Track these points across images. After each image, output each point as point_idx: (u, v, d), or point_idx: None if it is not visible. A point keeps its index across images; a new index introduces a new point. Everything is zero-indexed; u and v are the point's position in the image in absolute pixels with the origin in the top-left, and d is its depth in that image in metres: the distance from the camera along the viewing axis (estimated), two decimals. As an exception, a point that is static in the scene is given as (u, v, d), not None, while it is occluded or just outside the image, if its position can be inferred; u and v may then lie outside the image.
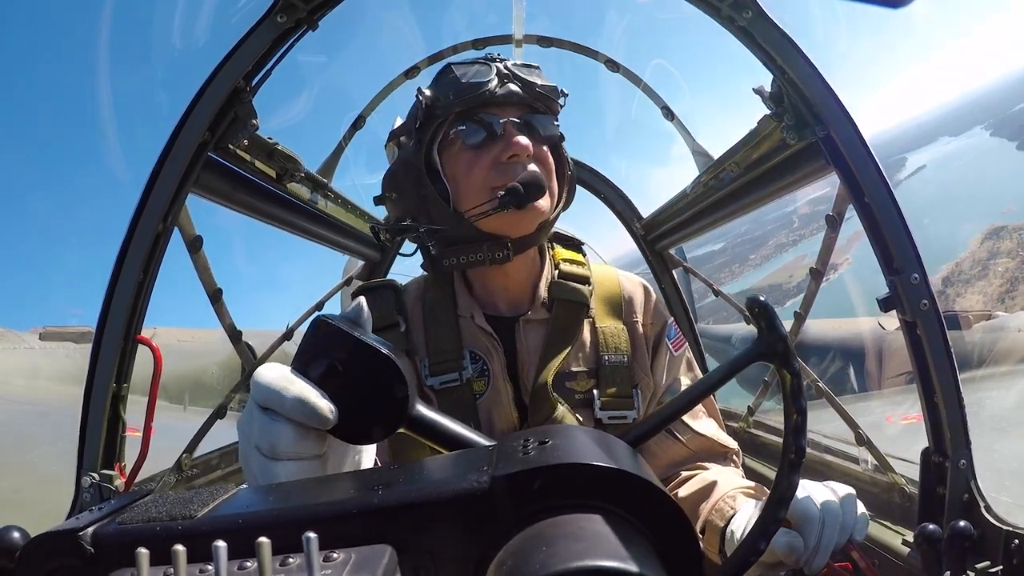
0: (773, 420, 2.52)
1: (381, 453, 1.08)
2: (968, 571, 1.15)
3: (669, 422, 0.56)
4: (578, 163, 1.20)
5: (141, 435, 1.45)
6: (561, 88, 1.14)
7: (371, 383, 0.54)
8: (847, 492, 0.85)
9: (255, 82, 1.41)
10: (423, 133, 1.09)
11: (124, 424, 1.45)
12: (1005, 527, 1.19)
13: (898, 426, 4.05)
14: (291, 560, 0.35)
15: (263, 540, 0.30)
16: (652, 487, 0.40)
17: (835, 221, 1.65)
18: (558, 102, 1.13)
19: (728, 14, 1.28)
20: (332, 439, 0.56)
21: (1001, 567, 1.17)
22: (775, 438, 2.39)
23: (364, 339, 0.54)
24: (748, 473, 1.66)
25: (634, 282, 1.26)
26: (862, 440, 1.67)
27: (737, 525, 0.90)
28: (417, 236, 1.14)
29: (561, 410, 1.08)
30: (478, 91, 1.04)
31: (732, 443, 1.19)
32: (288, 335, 2.41)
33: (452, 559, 0.40)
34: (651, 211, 2.94)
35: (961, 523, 1.12)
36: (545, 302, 1.16)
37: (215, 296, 1.88)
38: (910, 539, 1.34)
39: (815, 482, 0.87)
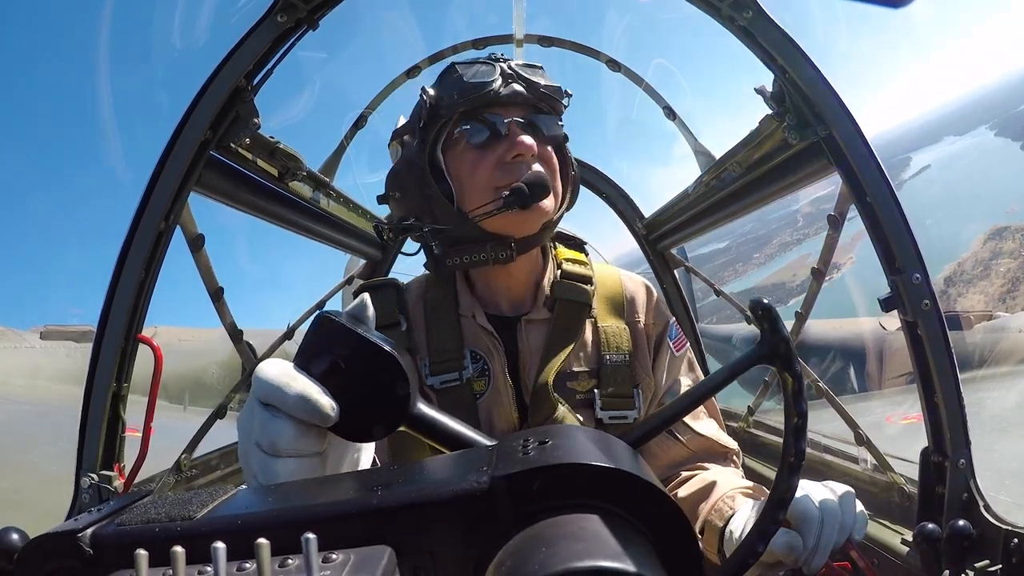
0: (773, 420, 2.52)
1: (380, 453, 1.08)
2: (967, 570, 1.15)
3: (670, 423, 0.56)
4: (580, 163, 1.21)
5: (141, 435, 1.45)
6: (565, 88, 1.14)
7: (373, 381, 0.54)
8: (846, 492, 0.85)
9: (256, 81, 1.42)
10: (427, 132, 1.09)
11: (124, 424, 1.45)
12: (1004, 526, 1.19)
13: (898, 426, 4.05)
14: (290, 561, 0.35)
15: (262, 541, 0.30)
16: (652, 487, 0.40)
17: (837, 221, 1.65)
18: (562, 102, 1.13)
19: (728, 14, 1.28)
20: (332, 436, 0.56)
21: (1000, 566, 1.17)
22: (775, 438, 2.39)
23: (367, 336, 0.54)
24: (748, 473, 1.66)
25: (636, 282, 1.26)
26: (862, 440, 1.67)
27: (736, 525, 0.90)
28: (421, 236, 1.13)
29: (562, 410, 1.08)
30: (482, 91, 1.04)
31: (732, 443, 1.19)
32: (289, 334, 2.41)
33: (451, 559, 0.40)
34: (653, 211, 2.94)
35: (960, 522, 1.12)
36: (547, 302, 1.16)
37: (216, 295, 1.88)
38: (909, 538, 1.34)
39: (814, 482, 0.87)
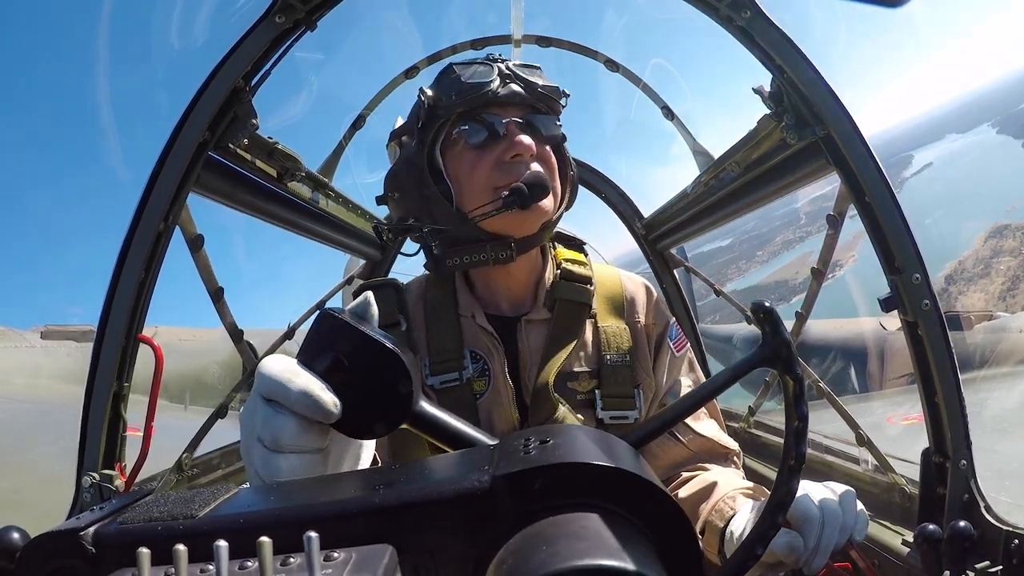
0: (774, 421, 2.52)
1: (381, 451, 1.08)
2: (968, 571, 1.15)
3: (672, 424, 0.56)
4: (579, 163, 1.21)
5: (142, 435, 1.45)
6: (563, 88, 1.14)
7: (376, 378, 0.54)
8: (847, 492, 0.85)
9: (254, 82, 1.42)
10: (425, 133, 1.09)
11: (125, 423, 1.45)
12: (1005, 527, 1.18)
13: (899, 426, 4.05)
14: (292, 560, 0.35)
15: (264, 539, 0.30)
16: (653, 487, 0.40)
17: (836, 221, 1.65)
18: (560, 102, 1.13)
19: (727, 14, 1.28)
20: (334, 433, 0.56)
21: (1001, 567, 1.17)
22: (776, 439, 2.39)
23: (370, 333, 0.54)
24: (748, 474, 1.66)
25: (636, 282, 1.26)
26: (863, 440, 1.67)
27: (736, 526, 0.90)
28: (420, 236, 1.14)
29: (562, 410, 1.08)
30: (480, 91, 1.04)
31: (733, 444, 1.19)
32: (289, 334, 2.42)
33: (452, 558, 0.40)
34: (652, 211, 2.94)
35: (961, 523, 1.12)
36: (547, 302, 1.16)
37: (216, 295, 1.88)
38: (910, 539, 1.34)
39: (815, 482, 0.87)
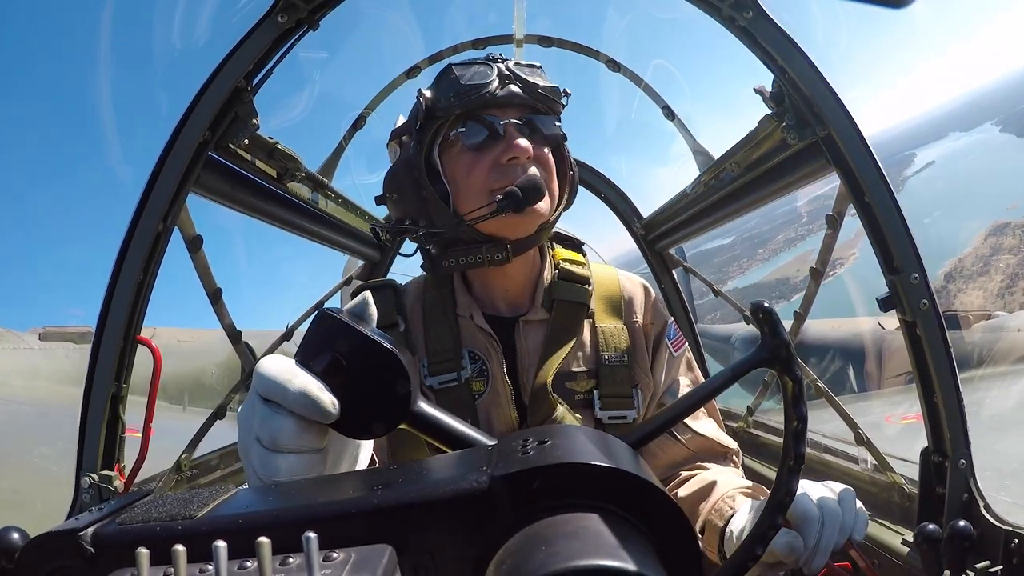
0: (773, 420, 2.52)
1: (379, 451, 1.08)
2: (968, 571, 1.16)
3: (671, 425, 0.56)
4: (578, 163, 1.20)
5: (140, 436, 1.45)
6: (564, 88, 1.14)
7: (374, 378, 0.54)
8: (846, 492, 0.85)
9: (256, 82, 1.41)
10: (423, 134, 1.09)
11: (123, 424, 1.45)
12: (1005, 527, 1.19)
13: (897, 426, 4.06)
14: (291, 560, 0.35)
15: (263, 540, 0.30)
16: (652, 487, 0.40)
17: (835, 221, 1.65)
18: (559, 103, 1.13)
19: (729, 14, 1.28)
20: (333, 433, 0.56)
21: (1001, 567, 1.17)
22: (775, 438, 2.39)
23: (368, 334, 0.54)
24: (748, 473, 1.66)
25: (634, 282, 1.26)
26: (861, 440, 1.67)
27: (736, 525, 0.91)
28: (416, 237, 1.14)
29: (561, 410, 1.08)
30: (479, 92, 1.04)
31: (732, 443, 1.19)
32: (288, 335, 2.41)
33: (451, 558, 0.40)
34: (651, 211, 2.94)
35: (961, 523, 1.12)
36: (545, 302, 1.16)
37: (215, 296, 1.88)
38: (909, 539, 1.34)
39: (814, 482, 0.87)
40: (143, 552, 0.31)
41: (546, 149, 1.10)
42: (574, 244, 1.28)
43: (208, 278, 1.83)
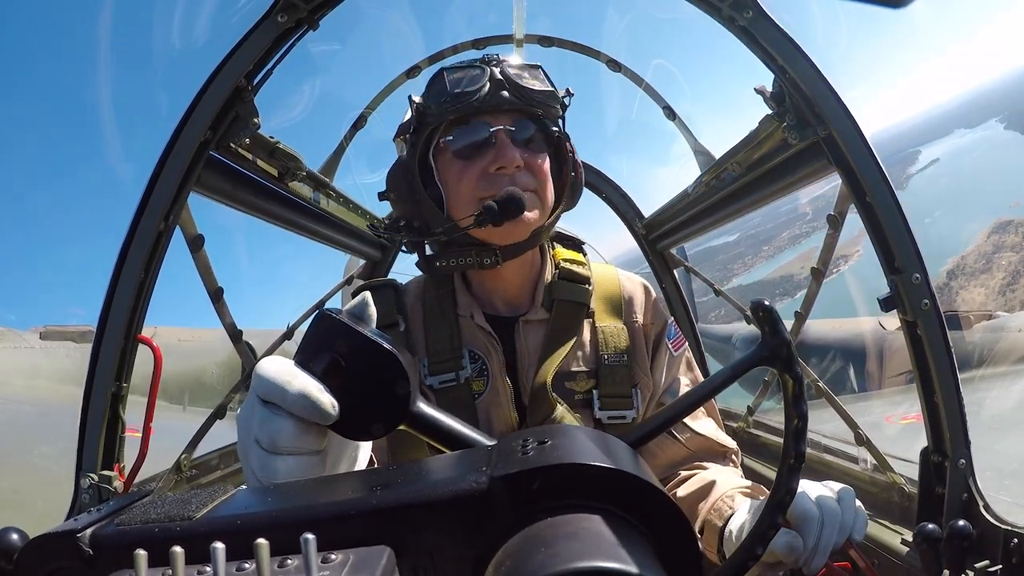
0: (773, 420, 2.52)
1: (379, 452, 1.08)
2: (967, 570, 1.15)
3: (671, 424, 0.56)
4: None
5: (140, 435, 1.45)
6: (567, 88, 1.13)
7: (373, 379, 0.54)
8: (846, 491, 0.85)
9: (256, 81, 1.41)
10: (417, 138, 1.10)
11: (123, 424, 1.45)
12: (1004, 526, 1.19)
13: (897, 426, 4.05)
14: (289, 561, 0.35)
15: (261, 541, 0.30)
16: (652, 488, 0.40)
17: (837, 221, 1.65)
18: (556, 106, 1.11)
19: (729, 14, 1.28)
20: (332, 434, 0.56)
21: (1000, 566, 1.17)
22: (775, 438, 2.39)
23: (368, 334, 0.54)
24: (748, 473, 1.66)
25: (634, 282, 1.26)
26: (861, 440, 1.67)
27: (735, 525, 0.90)
28: (412, 236, 1.14)
29: (560, 410, 1.08)
30: (469, 99, 1.03)
31: (731, 443, 1.19)
32: (289, 334, 2.42)
33: (451, 560, 0.40)
34: (652, 210, 2.94)
35: (960, 522, 1.12)
36: (545, 302, 1.16)
37: (216, 295, 1.88)
38: (909, 539, 1.34)
39: (814, 482, 0.87)
40: (141, 554, 0.31)
41: (540, 156, 1.09)
42: (575, 244, 1.28)
43: (209, 277, 1.83)
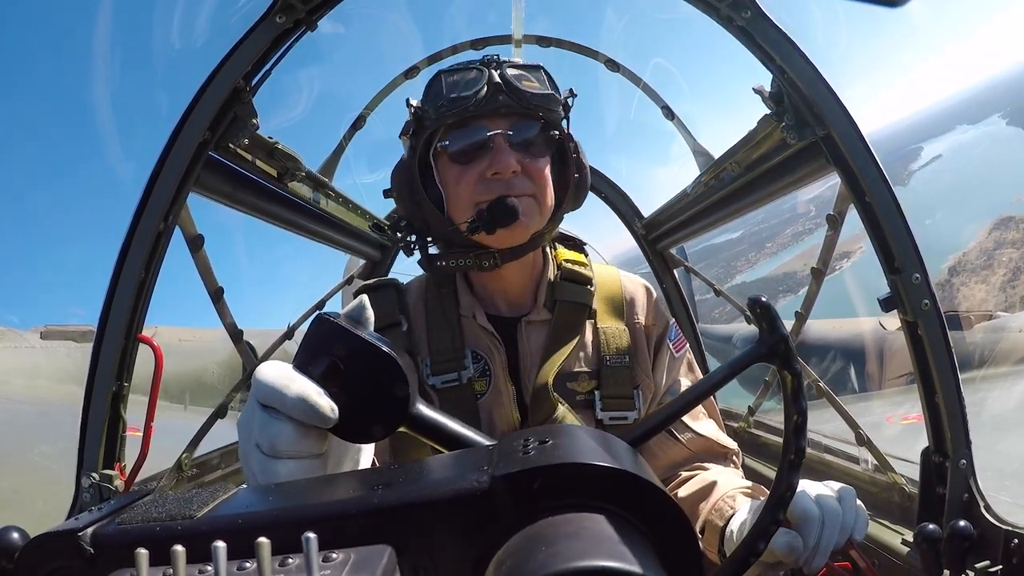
0: (773, 420, 2.52)
1: (381, 452, 1.08)
2: (968, 571, 1.15)
3: (670, 422, 0.56)
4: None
5: (141, 435, 1.45)
6: (570, 88, 1.13)
7: (372, 382, 0.54)
8: (847, 491, 0.85)
9: (255, 82, 1.42)
10: (416, 140, 1.10)
11: (124, 424, 1.45)
12: (1005, 527, 1.18)
13: (898, 426, 4.05)
14: (290, 560, 0.35)
15: (262, 540, 0.30)
16: (652, 487, 0.40)
17: (836, 220, 1.65)
18: (556, 109, 1.09)
19: (727, 14, 1.28)
20: (332, 437, 0.56)
21: (1001, 567, 1.17)
22: (775, 438, 2.39)
23: (366, 337, 0.54)
24: (748, 473, 1.66)
25: (636, 283, 1.26)
26: (862, 440, 1.67)
27: (736, 525, 0.90)
28: (413, 235, 1.15)
29: (562, 410, 1.08)
30: (464, 104, 1.02)
31: (732, 444, 1.19)
32: (289, 334, 2.42)
33: (451, 559, 0.40)
34: (652, 210, 2.94)
35: (961, 523, 1.12)
36: (547, 303, 1.16)
37: (216, 295, 1.88)
38: (910, 539, 1.34)
39: (815, 481, 0.87)
40: (142, 553, 0.31)
41: (540, 160, 1.08)
42: (576, 244, 1.28)
43: (209, 277, 1.83)
